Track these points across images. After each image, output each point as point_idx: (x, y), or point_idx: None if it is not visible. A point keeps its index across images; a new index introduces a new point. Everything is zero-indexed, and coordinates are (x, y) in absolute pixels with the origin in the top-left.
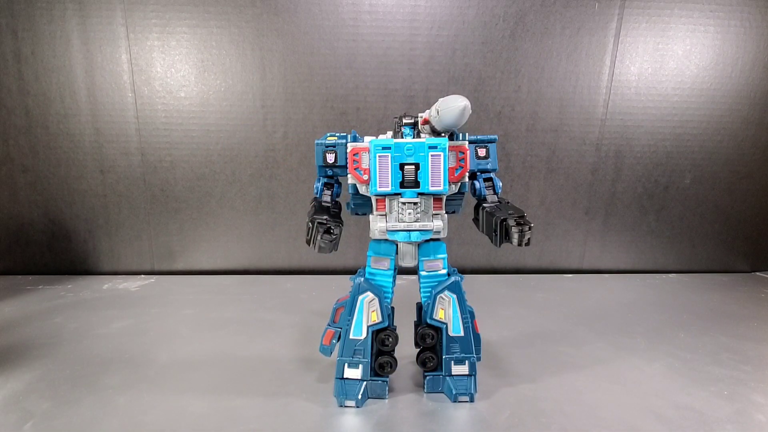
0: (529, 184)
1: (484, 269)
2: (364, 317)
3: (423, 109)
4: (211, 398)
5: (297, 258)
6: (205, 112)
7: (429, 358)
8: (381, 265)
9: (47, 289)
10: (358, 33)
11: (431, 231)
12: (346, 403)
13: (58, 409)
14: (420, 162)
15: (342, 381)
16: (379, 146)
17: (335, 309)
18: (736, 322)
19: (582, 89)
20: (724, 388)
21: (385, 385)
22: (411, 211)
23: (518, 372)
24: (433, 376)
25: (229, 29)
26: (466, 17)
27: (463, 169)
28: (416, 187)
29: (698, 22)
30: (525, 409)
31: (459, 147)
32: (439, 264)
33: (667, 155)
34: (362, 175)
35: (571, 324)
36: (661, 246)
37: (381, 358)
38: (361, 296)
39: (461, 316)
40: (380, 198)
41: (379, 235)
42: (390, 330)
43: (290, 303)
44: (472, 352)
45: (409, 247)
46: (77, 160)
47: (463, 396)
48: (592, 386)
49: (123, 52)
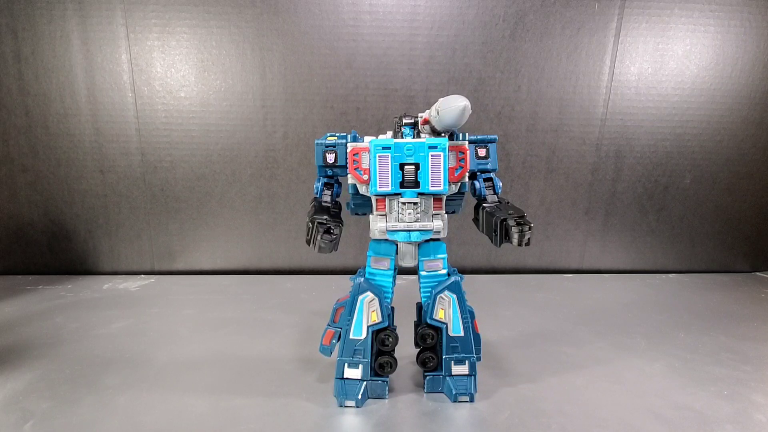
0: (529, 184)
1: (484, 269)
2: (364, 317)
3: (423, 109)
4: (211, 398)
5: (297, 258)
6: (205, 112)
7: (429, 358)
8: (381, 265)
9: (47, 289)
10: (358, 33)
11: (431, 231)
12: (346, 403)
13: (58, 409)
14: (420, 162)
15: (342, 381)
16: (379, 146)
17: (335, 309)
18: (736, 322)
19: (582, 89)
20: (724, 388)
21: (385, 385)
22: (411, 211)
23: (518, 372)
24: (433, 376)
25: (229, 29)
26: (466, 17)
27: (463, 169)
28: (416, 187)
29: (698, 22)
30: (525, 409)
31: (459, 147)
32: (439, 264)
33: (667, 155)
34: (362, 175)
35: (571, 324)
36: (661, 246)
37: (381, 358)
38: (361, 296)
39: (461, 316)
40: (380, 198)
41: (379, 235)
42: (390, 330)
43: (290, 303)
44: (472, 352)
45: (409, 247)
46: (77, 160)
47: (463, 396)
48: (592, 386)
49: (123, 52)
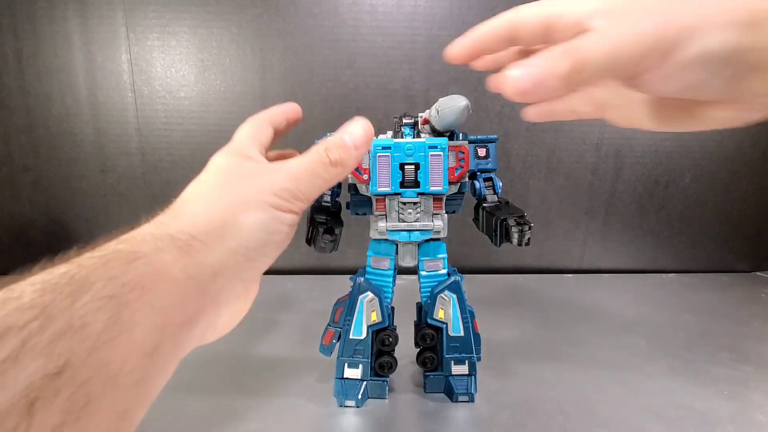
0: (529, 184)
1: (484, 269)
2: (364, 317)
3: (423, 109)
4: (211, 398)
5: (297, 258)
6: (205, 112)
7: (429, 358)
8: (381, 264)
9: None
10: (359, 33)
11: (432, 231)
12: (346, 402)
13: None
14: (420, 162)
15: (342, 381)
16: (379, 146)
17: (335, 309)
18: (736, 322)
19: None
20: (724, 388)
21: (385, 385)
22: (411, 211)
23: (518, 372)
24: (434, 376)
25: (229, 29)
26: (466, 17)
27: (463, 169)
28: (416, 186)
29: None
30: (525, 409)
31: (459, 147)
32: (440, 264)
33: (667, 155)
34: (362, 175)
35: (571, 324)
36: (661, 246)
37: (381, 358)
38: (361, 296)
39: (461, 316)
40: (380, 198)
41: (379, 235)
42: (390, 330)
43: (290, 303)
44: (472, 352)
45: (410, 247)
46: (78, 159)
47: (463, 396)
48: (592, 386)
49: (123, 52)
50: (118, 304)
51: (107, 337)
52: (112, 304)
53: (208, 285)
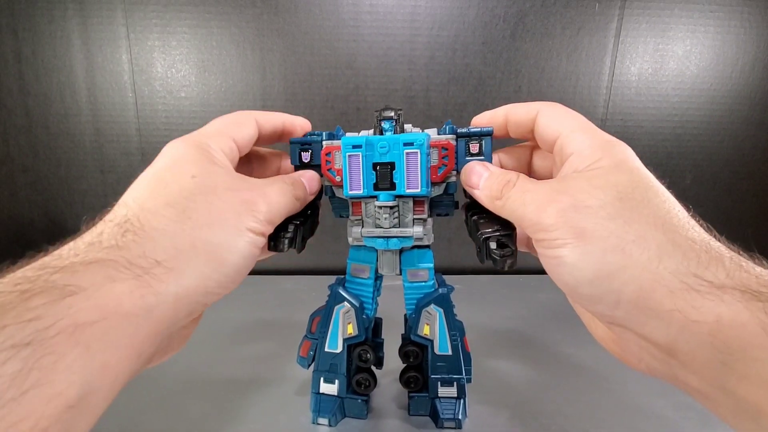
0: None
1: (484, 269)
2: (340, 329)
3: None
4: (211, 398)
5: (297, 258)
6: (206, 112)
7: (413, 378)
8: (361, 273)
9: None
10: (359, 33)
11: (411, 238)
12: (319, 420)
13: None
14: (395, 161)
15: (318, 396)
16: (350, 145)
17: (311, 318)
18: None
19: (582, 89)
20: None
21: (363, 404)
22: (387, 216)
23: (518, 372)
24: (418, 398)
25: (229, 29)
26: (466, 17)
27: (447, 168)
28: (392, 188)
29: (698, 22)
30: (525, 410)
31: (442, 143)
32: (425, 274)
33: (668, 155)
34: (335, 176)
35: (571, 324)
36: None
37: (358, 375)
38: (337, 306)
39: (449, 333)
40: (356, 201)
41: (355, 241)
42: (368, 345)
43: (290, 303)
44: (461, 373)
45: (389, 255)
46: (77, 160)
47: (449, 422)
48: (592, 387)
49: (123, 53)
50: (34, 352)
51: (15, 393)
52: (25, 353)
53: (167, 315)
